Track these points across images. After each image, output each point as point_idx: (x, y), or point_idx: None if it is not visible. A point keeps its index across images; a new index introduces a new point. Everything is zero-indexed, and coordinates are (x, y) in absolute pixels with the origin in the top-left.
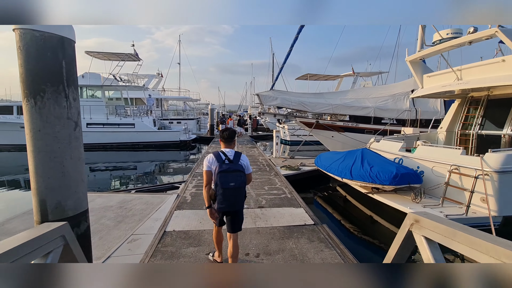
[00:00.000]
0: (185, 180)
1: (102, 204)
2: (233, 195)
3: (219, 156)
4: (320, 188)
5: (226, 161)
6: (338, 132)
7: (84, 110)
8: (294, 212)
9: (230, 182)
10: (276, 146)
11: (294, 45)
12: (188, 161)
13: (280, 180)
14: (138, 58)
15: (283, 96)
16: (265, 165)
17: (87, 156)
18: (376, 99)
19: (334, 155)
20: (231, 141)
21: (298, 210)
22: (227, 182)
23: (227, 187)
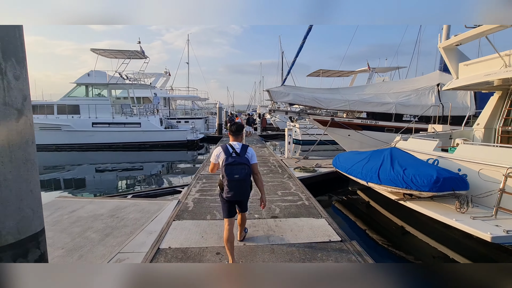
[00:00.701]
0: (189, 184)
1: (92, 211)
2: (238, 186)
3: (227, 149)
4: (338, 192)
5: (233, 154)
6: (355, 130)
7: (89, 109)
8: (314, 224)
9: (235, 175)
10: (288, 145)
11: (303, 44)
12: (195, 161)
13: (295, 183)
14: (144, 55)
15: (296, 92)
16: (277, 167)
17: (92, 156)
18: (398, 94)
19: (356, 155)
20: (239, 134)
21: (319, 221)
22: (232, 174)
23: (232, 179)
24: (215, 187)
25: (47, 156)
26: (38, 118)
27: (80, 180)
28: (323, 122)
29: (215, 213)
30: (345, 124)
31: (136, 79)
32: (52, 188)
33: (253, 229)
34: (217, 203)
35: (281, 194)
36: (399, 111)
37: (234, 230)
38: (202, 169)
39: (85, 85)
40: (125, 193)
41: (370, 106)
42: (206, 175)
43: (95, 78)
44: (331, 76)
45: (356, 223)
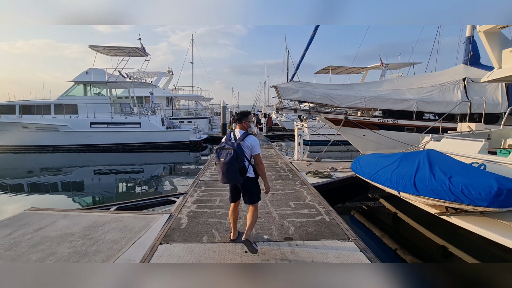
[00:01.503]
0: (185, 192)
1: (62, 229)
2: (223, 169)
3: (229, 135)
4: (356, 200)
5: (232, 140)
6: (371, 130)
7: (88, 109)
8: (341, 249)
9: (220, 158)
10: (298, 147)
11: (310, 44)
12: (198, 163)
13: (310, 192)
14: (145, 53)
15: (305, 88)
16: (287, 171)
17: (90, 158)
18: (419, 90)
19: (381, 159)
20: (241, 121)
21: (346, 245)
22: (218, 157)
23: (218, 162)
24: (215, 196)
25: (43, 157)
26: (34, 118)
27: (73, 183)
28: (335, 121)
29: (213, 232)
30: (360, 123)
31: (137, 77)
32: (42, 191)
33: (263, 257)
34: (217, 217)
35: (294, 207)
36: (420, 108)
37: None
38: (202, 174)
39: (83, 83)
40: (108, 205)
41: (389, 103)
42: (206, 182)
43: (94, 76)
44: (341, 73)
45: (383, 241)
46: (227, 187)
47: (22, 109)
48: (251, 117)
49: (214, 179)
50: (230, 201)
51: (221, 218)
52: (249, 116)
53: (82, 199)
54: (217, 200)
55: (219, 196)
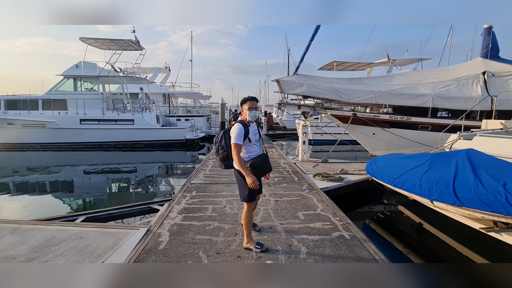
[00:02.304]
0: (171, 198)
1: (4, 250)
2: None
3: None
4: (371, 206)
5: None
6: (381, 128)
7: (78, 105)
8: None
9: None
10: (302, 146)
11: (311, 43)
12: (195, 162)
13: (320, 198)
14: (139, 46)
15: (311, 82)
16: (291, 173)
17: (80, 156)
18: (434, 85)
19: (403, 160)
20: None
21: None
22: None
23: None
24: (207, 204)
25: (30, 156)
26: (20, 114)
27: (52, 184)
28: (343, 118)
29: (200, 256)
30: (369, 120)
31: (131, 72)
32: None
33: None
34: (207, 233)
35: (304, 218)
36: (436, 104)
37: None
38: (194, 176)
39: (73, 77)
40: (74, 215)
41: (401, 99)
42: (198, 185)
43: (84, 70)
44: (345, 69)
45: (409, 258)
46: (221, 192)
47: (7, 105)
48: (250, 103)
49: (207, 182)
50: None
51: (213, 235)
52: (246, 102)
53: (53, 205)
54: (209, 209)
55: (212, 204)
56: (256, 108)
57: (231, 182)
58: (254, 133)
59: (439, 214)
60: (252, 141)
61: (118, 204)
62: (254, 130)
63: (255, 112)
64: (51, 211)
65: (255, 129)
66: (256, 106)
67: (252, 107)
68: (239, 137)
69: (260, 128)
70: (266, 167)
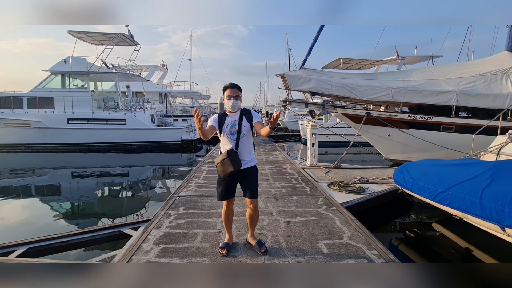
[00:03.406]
0: (150, 219)
1: None
2: None
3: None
4: (396, 221)
5: None
6: (398, 129)
7: (65, 103)
8: None
9: None
10: (311, 149)
11: (314, 44)
12: (192, 165)
13: (344, 219)
14: (134, 41)
15: (319, 77)
16: (301, 181)
17: (67, 158)
18: (458, 81)
19: (448, 169)
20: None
21: None
22: None
23: None
24: (196, 228)
25: (12, 158)
26: (3, 112)
27: (41, 188)
28: (355, 118)
29: None
30: (385, 120)
31: (124, 69)
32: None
33: None
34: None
35: (328, 252)
36: (461, 102)
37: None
38: (184, 186)
39: (61, 73)
40: (13, 245)
41: (421, 96)
42: (187, 199)
43: (73, 65)
44: (351, 67)
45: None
46: (216, 209)
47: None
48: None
49: (199, 194)
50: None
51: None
52: (226, 90)
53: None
54: (198, 237)
55: (203, 227)
56: (237, 97)
57: None
58: (231, 124)
59: (493, 236)
60: (225, 133)
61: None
62: (232, 121)
63: (234, 101)
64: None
65: (234, 120)
66: (237, 94)
67: (230, 96)
68: (211, 121)
69: (247, 120)
70: (224, 166)
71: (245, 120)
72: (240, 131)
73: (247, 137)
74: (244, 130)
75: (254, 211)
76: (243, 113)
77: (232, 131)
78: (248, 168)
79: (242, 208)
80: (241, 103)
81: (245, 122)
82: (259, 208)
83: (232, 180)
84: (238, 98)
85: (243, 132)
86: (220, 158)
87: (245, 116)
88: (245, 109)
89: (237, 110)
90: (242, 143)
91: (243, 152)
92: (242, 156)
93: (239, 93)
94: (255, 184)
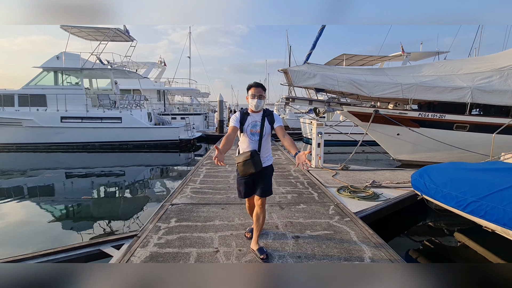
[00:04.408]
0: (135, 234)
1: None
2: None
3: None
4: (412, 229)
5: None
6: (407, 127)
7: (58, 101)
8: None
9: None
10: (317, 149)
11: (319, 37)
12: (190, 165)
13: (361, 233)
14: (130, 37)
15: (325, 73)
16: (307, 185)
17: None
18: (472, 76)
19: (479, 174)
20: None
21: None
22: None
23: None
24: (188, 246)
25: (3, 158)
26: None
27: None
28: (362, 116)
29: None
30: (394, 118)
31: (120, 65)
32: None
33: None
34: None
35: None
36: (477, 99)
37: None
38: (178, 192)
39: (54, 70)
40: None
41: (434, 93)
42: (181, 208)
43: (66, 61)
44: (355, 64)
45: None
46: (214, 221)
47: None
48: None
49: (195, 202)
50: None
51: None
52: (250, 89)
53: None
54: (191, 257)
55: (198, 245)
56: (261, 97)
57: (228, 200)
58: (252, 124)
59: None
60: (246, 132)
61: (55, 240)
62: (253, 121)
63: (257, 101)
64: None
65: (256, 120)
66: (261, 93)
67: (254, 95)
68: (233, 120)
69: (268, 122)
70: (246, 166)
71: (267, 121)
72: (262, 132)
73: (267, 138)
74: (266, 132)
75: (261, 209)
76: (266, 114)
77: (253, 131)
78: (265, 167)
79: (243, 219)
80: (265, 103)
81: (267, 124)
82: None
83: (251, 178)
84: (262, 97)
85: (265, 133)
86: (242, 158)
87: (268, 117)
88: (268, 110)
89: (260, 110)
90: (262, 144)
91: (263, 153)
92: (262, 156)
93: (263, 92)
94: (267, 183)
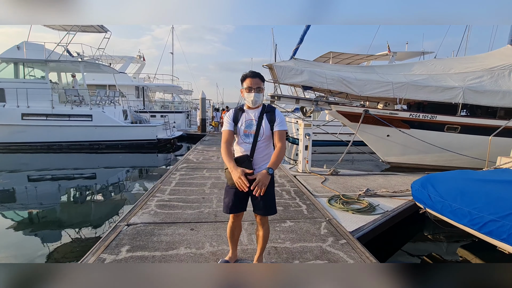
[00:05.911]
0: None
1: None
2: None
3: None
4: (409, 243)
5: None
6: (397, 128)
7: (19, 96)
8: None
9: None
10: (304, 152)
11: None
12: (168, 165)
13: (360, 259)
14: (102, 27)
15: (313, 69)
16: (294, 195)
17: (23, 160)
18: (463, 76)
19: (495, 186)
20: None
21: None
22: None
23: None
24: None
25: None
26: None
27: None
28: (351, 116)
29: None
30: (384, 119)
31: (91, 58)
32: None
33: None
34: None
35: None
36: (468, 100)
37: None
38: (140, 206)
39: (13, 61)
40: None
41: (426, 92)
42: (139, 230)
43: (28, 52)
44: (341, 62)
45: None
46: (179, 247)
47: None
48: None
49: (159, 221)
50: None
51: None
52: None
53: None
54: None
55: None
56: (259, 89)
57: (200, 217)
58: (247, 124)
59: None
60: (239, 133)
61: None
62: (248, 119)
63: (255, 95)
64: None
65: (250, 119)
66: (259, 85)
67: (251, 87)
68: (227, 122)
69: (268, 121)
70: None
71: (266, 120)
72: (258, 134)
73: (266, 142)
74: (263, 133)
75: (264, 230)
76: (265, 111)
77: (247, 132)
78: None
79: (215, 246)
80: (264, 96)
81: (266, 122)
82: (239, 241)
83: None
84: (260, 90)
85: (262, 134)
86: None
87: (267, 115)
88: (269, 106)
89: (258, 106)
90: (259, 149)
91: (259, 160)
92: (257, 164)
93: (262, 84)
94: (268, 199)
